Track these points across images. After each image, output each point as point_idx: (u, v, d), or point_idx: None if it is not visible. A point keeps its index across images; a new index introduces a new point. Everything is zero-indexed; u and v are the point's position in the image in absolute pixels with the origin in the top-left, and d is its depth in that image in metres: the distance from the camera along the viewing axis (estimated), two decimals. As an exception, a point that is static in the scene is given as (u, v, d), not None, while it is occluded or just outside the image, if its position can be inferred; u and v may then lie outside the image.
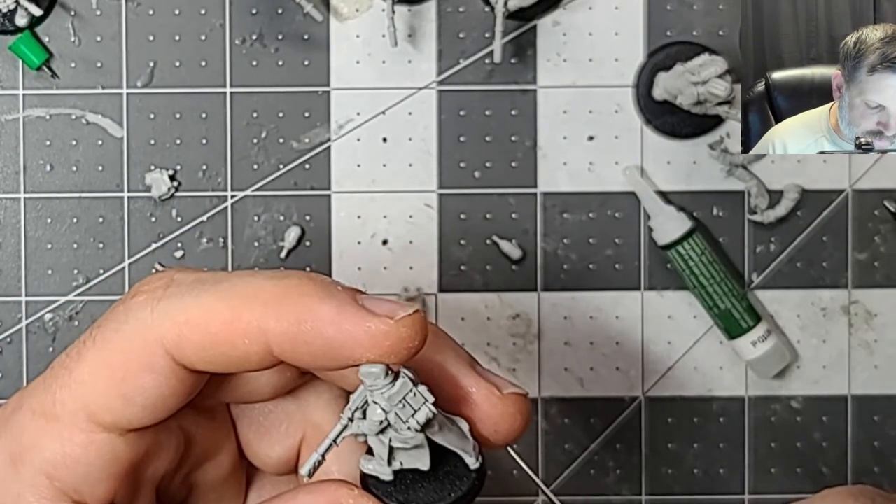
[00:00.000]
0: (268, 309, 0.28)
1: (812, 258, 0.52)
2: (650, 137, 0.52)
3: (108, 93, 0.51)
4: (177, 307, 0.28)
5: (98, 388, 0.28)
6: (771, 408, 0.52)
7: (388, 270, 0.52)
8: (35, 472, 0.29)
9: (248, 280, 0.29)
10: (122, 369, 0.28)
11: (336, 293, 0.28)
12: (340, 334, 0.28)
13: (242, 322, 0.28)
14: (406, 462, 0.29)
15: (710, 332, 0.52)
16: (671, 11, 0.52)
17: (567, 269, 0.52)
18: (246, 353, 0.28)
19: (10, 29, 0.50)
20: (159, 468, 0.31)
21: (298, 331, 0.28)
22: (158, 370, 0.28)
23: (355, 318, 0.28)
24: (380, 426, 0.28)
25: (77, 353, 0.29)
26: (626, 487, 0.52)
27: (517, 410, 0.30)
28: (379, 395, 0.28)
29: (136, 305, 0.29)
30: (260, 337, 0.28)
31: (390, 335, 0.27)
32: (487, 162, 0.52)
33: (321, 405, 0.33)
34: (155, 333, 0.28)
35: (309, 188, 0.51)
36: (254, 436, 0.33)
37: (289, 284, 0.28)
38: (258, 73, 0.51)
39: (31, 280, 0.51)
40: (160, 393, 0.29)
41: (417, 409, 0.28)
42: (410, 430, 0.28)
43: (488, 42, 0.51)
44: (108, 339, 0.29)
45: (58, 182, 0.51)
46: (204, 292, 0.28)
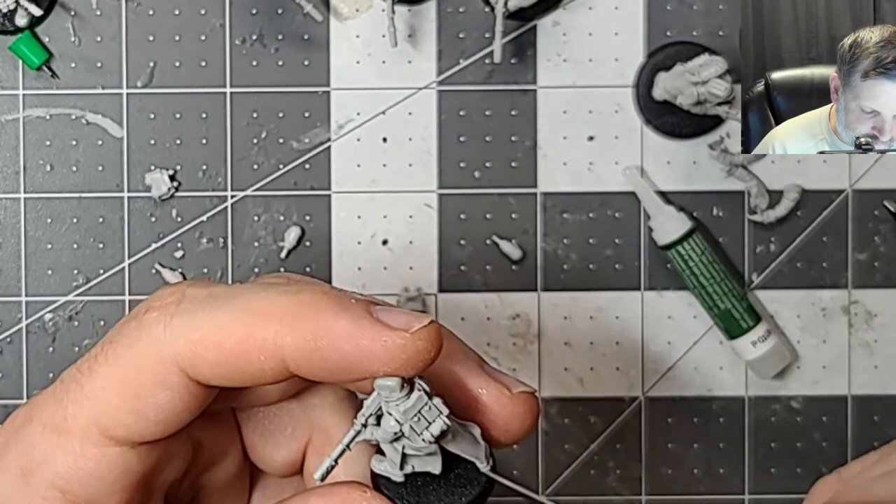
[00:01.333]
0: (283, 325, 0.28)
1: (812, 258, 0.52)
2: (650, 137, 0.52)
3: (108, 93, 0.51)
4: (190, 325, 0.28)
5: (111, 404, 0.28)
6: (771, 408, 0.52)
7: (388, 270, 0.52)
8: (47, 486, 0.29)
9: (263, 296, 0.28)
10: (135, 386, 0.28)
11: (351, 307, 0.28)
12: (357, 349, 0.27)
13: (258, 339, 0.28)
14: (418, 466, 0.29)
15: (710, 332, 0.52)
16: (671, 11, 0.52)
17: (567, 269, 0.52)
18: (261, 369, 0.28)
19: (10, 29, 0.50)
20: (169, 477, 0.31)
21: (315, 347, 0.28)
22: (172, 387, 0.28)
23: (371, 333, 0.27)
24: (394, 436, 0.28)
25: (88, 368, 0.29)
26: (626, 487, 0.52)
27: (527, 410, 0.30)
28: (394, 408, 0.28)
29: (149, 322, 0.29)
30: (276, 353, 0.28)
31: (407, 349, 0.27)
32: (487, 162, 0.52)
33: (326, 408, 0.33)
34: (168, 351, 0.28)
35: (309, 188, 0.51)
36: (259, 439, 0.33)
37: (304, 300, 0.28)
38: (258, 73, 0.51)
39: (31, 280, 0.51)
40: (174, 408, 0.29)
41: (432, 422, 0.28)
42: (424, 442, 0.28)
43: (488, 42, 0.51)
44: (121, 355, 0.29)
45: (58, 182, 0.51)
46: (218, 309, 0.28)
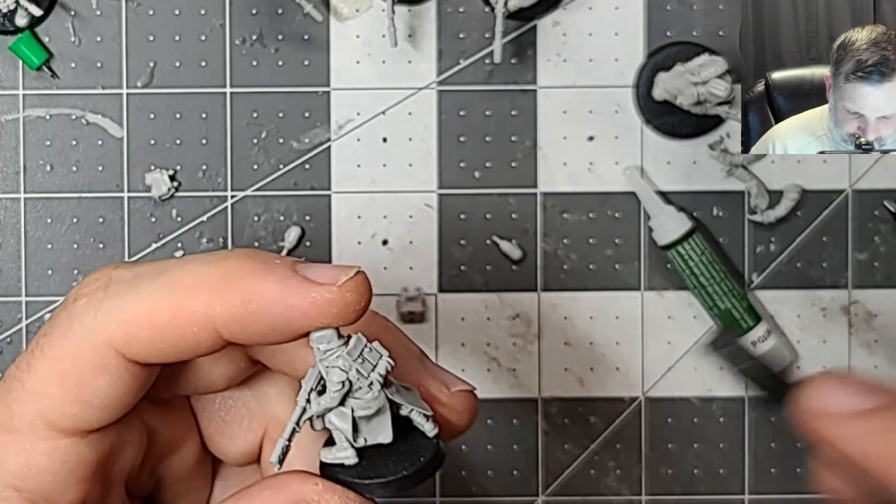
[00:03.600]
0: (212, 294, 0.28)
1: (812, 258, 0.52)
2: (650, 137, 0.52)
3: (108, 93, 0.51)
4: (120, 307, 0.28)
5: (54, 397, 0.28)
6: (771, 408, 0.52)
7: (388, 270, 0.52)
8: (2, 486, 0.29)
9: (188, 268, 0.29)
10: (74, 375, 0.28)
11: (276, 268, 0.28)
12: (287, 309, 0.28)
13: (188, 312, 0.28)
14: (369, 437, 0.29)
15: (710, 332, 0.52)
16: (671, 11, 0.52)
17: (567, 269, 0.52)
18: (196, 341, 0.28)
19: (10, 29, 0.50)
20: (125, 464, 0.31)
21: (245, 312, 0.28)
22: (111, 370, 0.29)
23: (299, 291, 0.28)
24: (342, 389, 0.28)
25: (27, 364, 0.29)
26: (626, 487, 0.52)
27: (465, 408, 0.31)
28: (335, 358, 0.28)
29: (79, 310, 0.29)
30: (207, 324, 0.28)
31: (336, 302, 0.28)
32: (487, 162, 0.52)
33: (281, 398, 0.33)
34: (102, 335, 0.28)
35: (309, 188, 0.51)
36: (215, 430, 0.33)
37: (228, 267, 0.28)
38: (258, 73, 0.51)
39: (31, 280, 0.51)
40: (116, 392, 0.29)
41: (376, 364, 0.29)
42: (373, 389, 0.28)
43: (488, 42, 0.51)
44: (57, 346, 0.29)
45: (58, 182, 0.51)
46: (146, 288, 0.28)
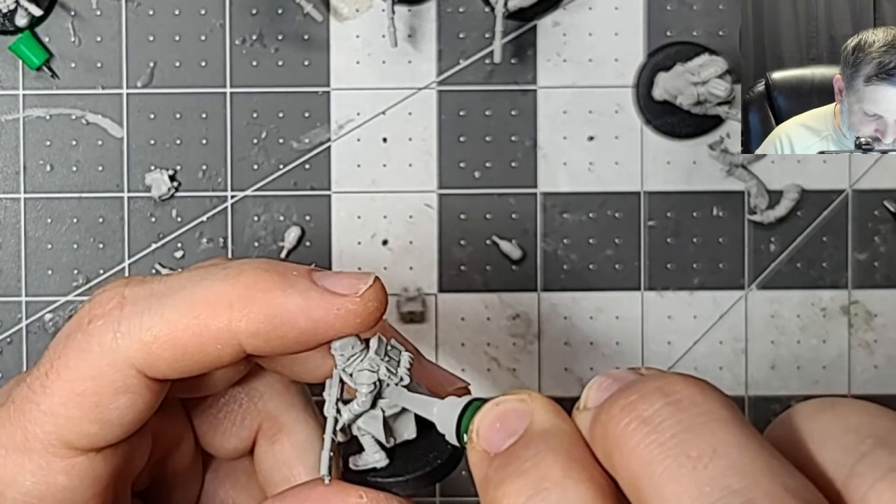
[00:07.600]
0: (234, 312, 0.28)
1: (812, 258, 0.52)
2: (650, 137, 0.52)
3: (108, 93, 0.51)
4: (139, 327, 0.28)
5: (72, 418, 0.29)
6: (771, 408, 0.52)
7: (388, 270, 0.52)
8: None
9: (206, 284, 0.28)
10: (94, 396, 0.28)
11: (296, 280, 0.28)
12: (312, 322, 0.28)
13: (211, 330, 0.28)
14: (397, 436, 0.30)
15: (710, 332, 0.52)
16: (671, 11, 0.52)
17: (567, 269, 0.52)
18: (218, 356, 0.29)
19: (10, 29, 0.50)
20: (134, 471, 0.31)
21: (270, 327, 0.28)
22: (132, 389, 0.29)
23: (323, 304, 0.28)
24: (374, 390, 0.29)
25: (41, 386, 0.29)
26: (626, 487, 0.52)
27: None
28: (359, 362, 0.29)
29: (96, 331, 0.29)
30: (231, 340, 0.28)
31: (359, 313, 0.28)
32: (487, 162, 0.52)
33: (274, 396, 0.33)
34: (123, 356, 0.28)
35: (309, 188, 0.51)
36: (208, 428, 0.34)
37: (248, 282, 0.28)
38: (258, 73, 0.51)
39: (31, 280, 0.51)
40: (136, 409, 0.29)
41: (400, 358, 0.29)
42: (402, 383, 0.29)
43: (488, 42, 0.51)
44: (73, 367, 0.29)
45: (58, 182, 0.51)
46: (164, 307, 0.28)
